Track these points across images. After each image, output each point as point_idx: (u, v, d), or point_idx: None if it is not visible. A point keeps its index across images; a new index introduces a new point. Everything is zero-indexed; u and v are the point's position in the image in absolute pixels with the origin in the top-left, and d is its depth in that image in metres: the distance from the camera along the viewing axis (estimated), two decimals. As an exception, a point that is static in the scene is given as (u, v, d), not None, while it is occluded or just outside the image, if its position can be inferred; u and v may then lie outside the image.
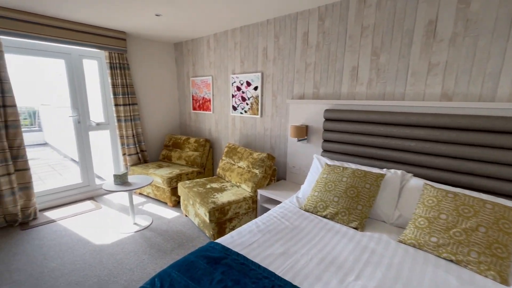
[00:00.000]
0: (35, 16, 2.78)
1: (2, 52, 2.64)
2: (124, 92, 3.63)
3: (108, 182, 2.84)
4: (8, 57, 2.78)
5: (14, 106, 2.77)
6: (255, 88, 3.20)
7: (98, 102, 3.72)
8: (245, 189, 2.84)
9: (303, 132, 2.66)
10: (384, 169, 1.99)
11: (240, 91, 3.38)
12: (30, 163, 2.95)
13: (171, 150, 4.03)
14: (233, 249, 1.40)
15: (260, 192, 2.72)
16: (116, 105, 3.62)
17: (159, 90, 4.20)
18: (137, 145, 3.88)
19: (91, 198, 3.63)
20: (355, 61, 2.38)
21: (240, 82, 3.35)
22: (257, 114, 3.25)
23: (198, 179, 3.19)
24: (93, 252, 2.40)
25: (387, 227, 1.74)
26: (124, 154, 3.80)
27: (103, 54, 3.49)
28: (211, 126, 3.97)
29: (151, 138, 4.21)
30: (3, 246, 2.49)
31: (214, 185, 2.98)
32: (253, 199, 2.74)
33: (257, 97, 3.21)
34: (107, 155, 3.99)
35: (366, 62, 2.30)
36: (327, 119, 2.49)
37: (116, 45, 3.46)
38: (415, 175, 1.92)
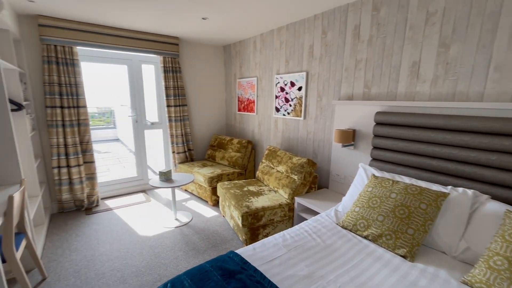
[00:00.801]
0: (103, 28, 3.16)
1: (78, 60, 3.07)
2: (175, 94, 3.87)
3: (155, 178, 3.04)
4: (84, 65, 3.22)
5: (85, 107, 3.19)
6: (299, 89, 3.02)
7: (153, 103, 4.05)
8: (282, 195, 2.69)
9: (349, 137, 2.37)
10: (449, 187, 1.59)
11: (284, 92, 3.24)
12: (103, 155, 3.40)
13: (215, 150, 4.13)
14: (251, 263, 1.28)
15: (298, 200, 2.53)
16: (168, 106, 3.88)
17: (207, 92, 4.35)
18: (185, 144, 4.09)
19: (143, 191, 3.97)
20: (416, 55, 2.00)
21: (284, 82, 3.21)
22: (300, 116, 3.06)
23: (237, 181, 3.16)
24: (136, 243, 2.58)
25: (447, 261, 1.38)
26: (173, 152, 4.05)
27: (159, 59, 3.77)
28: (254, 127, 3.92)
29: (198, 137, 4.40)
30: (70, 227, 2.88)
31: (252, 188, 2.90)
32: (290, 207, 2.56)
33: (300, 98, 3.02)
34: (160, 152, 4.32)
35: (431, 55, 1.91)
36: (378, 123, 2.16)
37: (170, 50, 3.71)
38: (494, 197, 1.49)
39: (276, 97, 3.36)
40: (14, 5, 2.48)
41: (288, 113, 3.22)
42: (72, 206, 3.25)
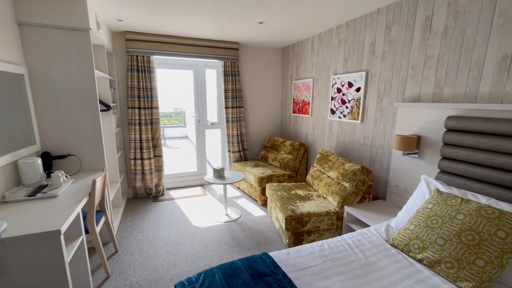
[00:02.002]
0: (175, 38, 3.58)
1: (153, 67, 3.55)
2: (233, 96, 4.09)
3: (209, 174, 3.27)
4: (158, 71, 3.71)
5: (157, 108, 3.67)
6: (358, 90, 2.80)
7: (213, 105, 4.37)
8: (331, 203, 2.54)
9: (412, 144, 2.08)
10: (546, 214, 1.23)
11: (340, 93, 3.06)
12: (173, 151, 3.85)
13: (268, 151, 4.19)
14: (282, 268, 1.26)
15: (348, 209, 2.35)
16: (226, 107, 4.12)
17: (263, 94, 4.45)
18: (240, 144, 4.27)
19: (201, 185, 4.32)
20: (506, 47, 1.62)
21: (341, 83, 3.03)
22: (357, 119, 2.83)
23: (286, 183, 3.14)
24: (189, 232, 2.83)
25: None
26: (229, 151, 4.28)
27: (220, 63, 4.05)
28: (308, 130, 3.82)
29: (253, 138, 4.53)
30: (140, 211, 3.36)
31: (300, 192, 2.84)
32: (338, 216, 2.40)
33: (358, 99, 2.80)
34: (217, 150, 4.63)
35: (528, 46, 1.52)
36: (449, 129, 1.83)
37: (230, 55, 3.94)
38: None
39: (332, 98, 3.20)
40: (108, 24, 3.04)
41: (344, 116, 3.03)
42: (143, 193, 3.78)
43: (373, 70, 2.61)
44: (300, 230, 2.33)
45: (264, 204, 3.51)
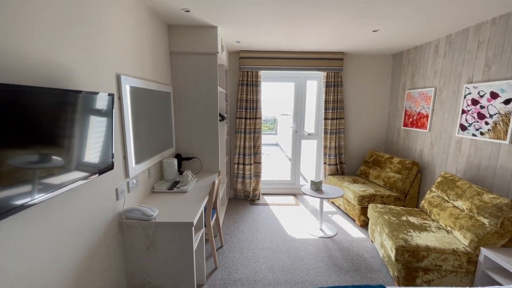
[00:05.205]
0: (280, 53, 3.79)
1: (260, 81, 3.87)
2: (334, 107, 3.96)
3: (306, 186, 3.26)
4: (264, 84, 4.02)
5: (260, 118, 3.96)
6: (506, 102, 2.21)
7: (311, 115, 4.36)
8: (459, 239, 2.07)
9: None
10: None
11: (477, 106, 2.48)
12: (264, 157, 4.09)
13: (370, 167, 3.83)
14: (406, 310, 1.10)
15: (486, 252, 1.86)
16: (325, 118, 4.04)
17: (367, 105, 4.12)
18: (337, 157, 4.08)
19: (294, 194, 4.35)
20: None
21: (479, 93, 2.47)
22: (504, 139, 2.22)
23: (393, 206, 2.78)
24: (284, 240, 2.88)
25: None
26: (325, 163, 4.16)
27: (322, 74, 4.01)
28: (423, 147, 3.27)
29: (351, 151, 4.25)
30: (240, 212, 3.68)
31: (412, 219, 2.45)
32: (471, 258, 1.93)
33: (507, 114, 2.20)
34: (311, 161, 4.57)
35: None
36: None
37: (334, 66, 3.85)
38: None
39: (464, 111, 2.63)
40: (227, 46, 3.52)
41: (482, 133, 2.43)
42: (242, 195, 4.13)
43: (535, 77, 2.00)
44: (414, 265, 2.00)
45: (364, 225, 3.21)
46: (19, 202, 0.89)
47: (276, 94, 6.26)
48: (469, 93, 2.56)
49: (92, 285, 1.45)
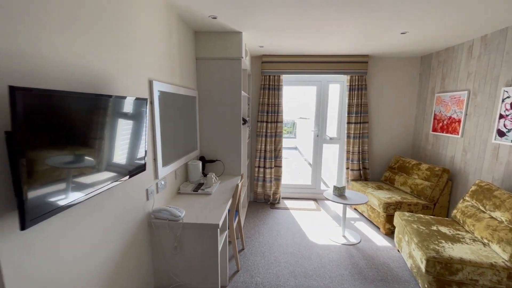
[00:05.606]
0: (302, 57, 3.78)
1: (281, 85, 3.87)
2: (357, 111, 3.87)
3: (329, 191, 3.20)
4: (285, 88, 4.02)
5: (282, 122, 3.96)
6: (550, 106, 2.05)
7: (333, 119, 4.29)
8: (498, 253, 1.94)
9: None
10: None
11: (516, 110, 2.33)
12: (282, 161, 4.07)
13: (395, 173, 3.69)
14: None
15: (529, 269, 1.72)
16: (348, 123, 3.95)
17: (393, 108, 3.99)
18: (360, 162, 3.98)
19: (314, 199, 4.29)
20: None
21: (517, 97, 2.31)
22: (548, 147, 2.06)
23: (422, 215, 2.66)
24: (306, 246, 2.84)
25: None
26: (347, 168, 4.06)
27: (346, 78, 3.94)
28: (455, 153, 3.10)
29: (375, 156, 4.12)
30: (260, 215, 3.68)
31: (444, 229, 2.33)
32: (511, 274, 1.80)
33: (551, 119, 2.04)
34: (332, 166, 4.49)
35: None
36: None
37: (358, 69, 3.77)
38: None
39: (502, 116, 2.47)
40: (250, 50, 3.56)
41: (521, 140, 2.27)
42: (261, 199, 4.13)
43: None
44: (447, 278, 1.90)
45: (389, 233, 3.09)
46: (66, 201, 0.96)
47: (295, 97, 6.24)
48: (508, 97, 2.41)
49: (125, 281, 1.51)
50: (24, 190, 0.75)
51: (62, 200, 0.93)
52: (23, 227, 0.77)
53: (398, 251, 2.71)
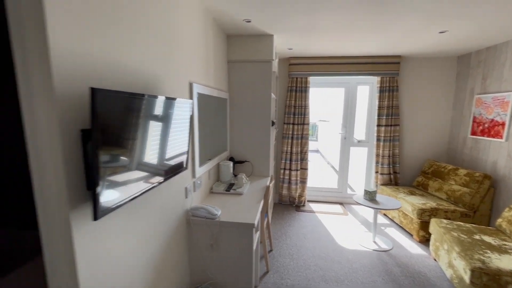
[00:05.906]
0: (330, 58, 3.74)
1: (308, 87, 3.85)
2: (388, 113, 3.75)
3: (358, 195, 3.12)
4: (312, 90, 3.99)
5: (308, 124, 3.93)
6: None
7: (362, 122, 4.19)
8: (553, 268, 1.79)
9: None
10: None
11: None
12: (308, 163, 4.04)
13: (429, 178, 3.52)
14: None
15: None
16: (378, 125, 3.84)
17: (426, 110, 3.82)
18: (391, 166, 3.84)
19: (341, 203, 4.20)
20: None
21: None
22: None
23: (461, 223, 2.52)
24: (335, 250, 2.79)
25: None
26: (376, 172, 3.94)
27: (375, 79, 3.84)
28: (498, 158, 2.91)
29: (407, 160, 3.96)
30: (285, 217, 3.66)
31: (488, 239, 2.19)
32: None
33: None
34: (361, 170, 4.37)
35: None
36: None
37: (389, 70, 3.66)
38: None
39: (552, 119, 2.29)
40: (279, 53, 3.58)
41: None
42: (287, 201, 4.11)
43: None
44: (494, 291, 1.78)
45: (423, 241, 2.95)
46: (128, 194, 1.03)
47: (317, 100, 6.17)
48: (562, 98, 2.22)
49: (167, 275, 1.58)
50: (98, 184, 0.82)
51: (125, 194, 0.99)
52: (95, 217, 0.83)
53: (435, 259, 2.58)
